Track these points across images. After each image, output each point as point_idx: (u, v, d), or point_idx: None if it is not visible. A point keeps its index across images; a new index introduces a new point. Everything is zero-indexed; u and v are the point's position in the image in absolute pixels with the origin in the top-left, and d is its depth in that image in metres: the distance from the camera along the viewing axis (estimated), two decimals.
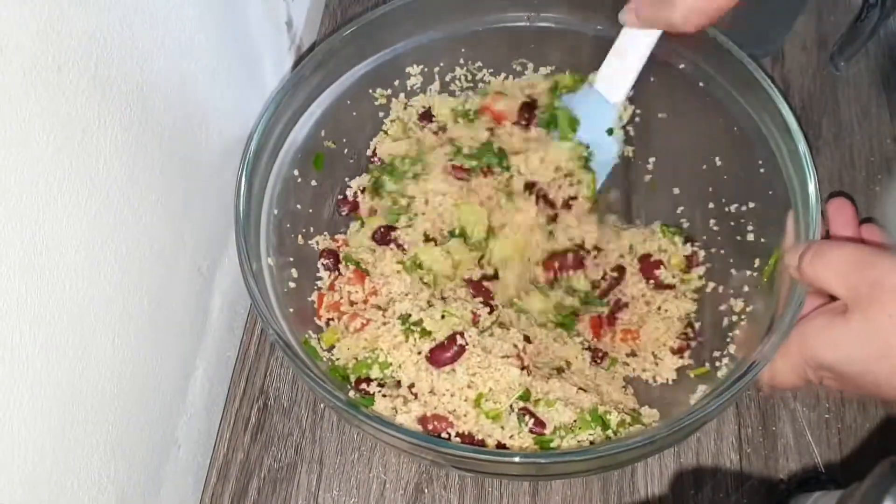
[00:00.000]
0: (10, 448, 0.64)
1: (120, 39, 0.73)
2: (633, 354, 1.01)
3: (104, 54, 0.71)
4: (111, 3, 0.71)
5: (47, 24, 0.62)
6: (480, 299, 1.00)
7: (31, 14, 0.60)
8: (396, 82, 1.12)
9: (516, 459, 0.82)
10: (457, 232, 1.04)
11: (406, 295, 0.98)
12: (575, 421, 0.90)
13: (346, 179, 1.10)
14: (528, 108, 1.10)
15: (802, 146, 0.91)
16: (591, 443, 0.89)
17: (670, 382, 0.98)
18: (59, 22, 0.64)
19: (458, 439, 0.89)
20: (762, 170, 0.98)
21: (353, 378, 0.95)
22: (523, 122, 1.10)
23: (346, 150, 1.10)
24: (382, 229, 1.04)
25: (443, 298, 0.99)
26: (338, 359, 0.96)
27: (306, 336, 0.97)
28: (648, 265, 1.05)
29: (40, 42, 0.62)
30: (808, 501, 0.86)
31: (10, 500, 0.65)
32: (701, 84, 1.03)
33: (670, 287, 1.04)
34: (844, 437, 0.99)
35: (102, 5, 0.69)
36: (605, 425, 0.90)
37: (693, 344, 1.00)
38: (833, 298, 0.82)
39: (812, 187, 0.90)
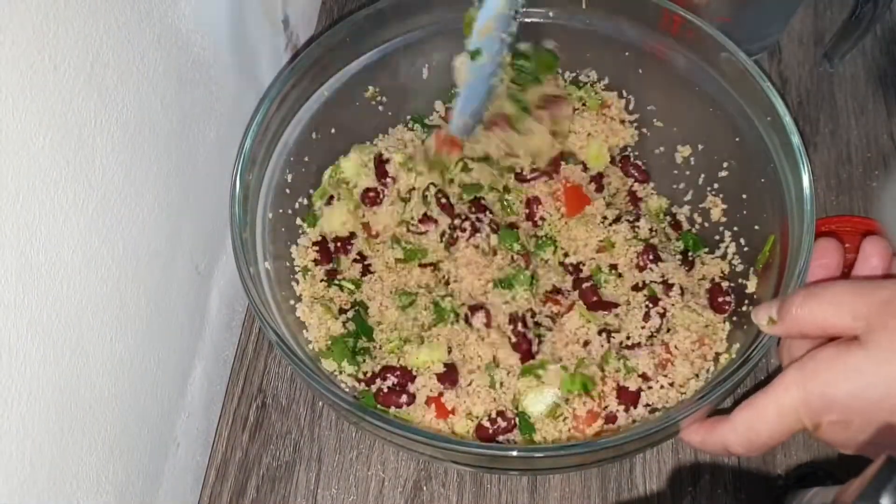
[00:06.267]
0: (8, 448, 0.64)
1: (116, 38, 0.73)
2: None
3: (100, 54, 0.71)
4: (107, 1, 0.71)
5: (43, 24, 0.62)
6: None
7: (26, 12, 0.60)
8: (387, 81, 1.12)
9: (513, 454, 0.83)
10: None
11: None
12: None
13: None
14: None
15: (796, 139, 0.91)
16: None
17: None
18: (55, 21, 0.64)
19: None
20: (756, 162, 0.98)
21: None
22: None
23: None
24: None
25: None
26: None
27: (306, 337, 0.97)
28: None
29: (36, 41, 0.62)
30: (805, 497, 0.86)
31: (8, 501, 0.65)
32: (694, 78, 1.03)
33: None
34: None
35: (98, 4, 0.69)
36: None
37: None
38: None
39: (806, 179, 0.90)
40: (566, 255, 1.04)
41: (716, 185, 1.05)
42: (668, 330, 0.97)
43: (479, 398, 0.94)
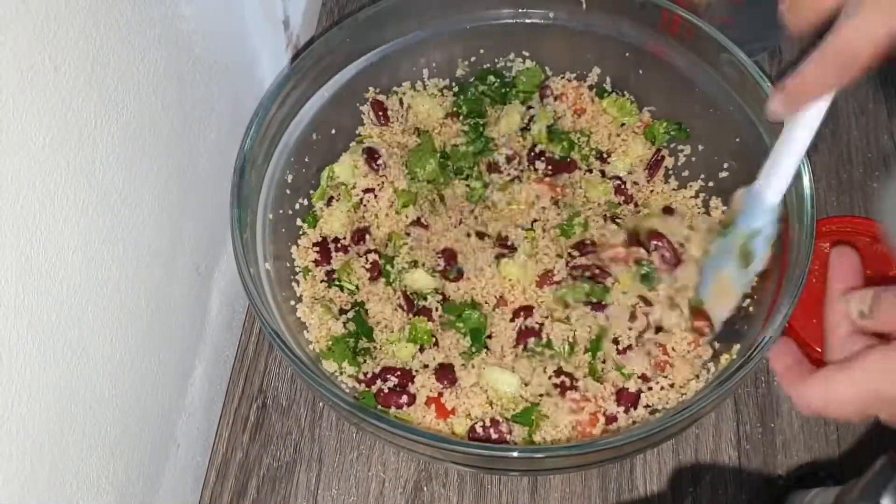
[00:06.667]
0: (9, 448, 0.64)
1: (116, 39, 0.73)
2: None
3: (101, 54, 0.71)
4: (107, 2, 0.71)
5: (44, 24, 0.62)
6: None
7: (27, 13, 0.60)
8: (387, 81, 1.12)
9: (514, 454, 0.83)
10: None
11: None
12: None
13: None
14: None
15: None
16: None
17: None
18: (56, 22, 0.64)
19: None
20: (756, 163, 0.98)
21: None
22: None
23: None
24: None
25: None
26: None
27: (307, 337, 0.97)
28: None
29: (37, 42, 0.62)
30: (806, 497, 0.86)
31: (8, 501, 0.65)
32: (694, 78, 1.04)
33: None
34: (842, 433, 1.00)
35: (99, 5, 0.69)
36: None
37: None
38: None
39: (806, 180, 0.90)
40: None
41: (716, 186, 1.05)
42: (662, 330, 0.97)
43: (477, 399, 0.94)
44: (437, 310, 0.99)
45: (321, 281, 1.02)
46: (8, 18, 0.58)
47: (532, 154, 1.10)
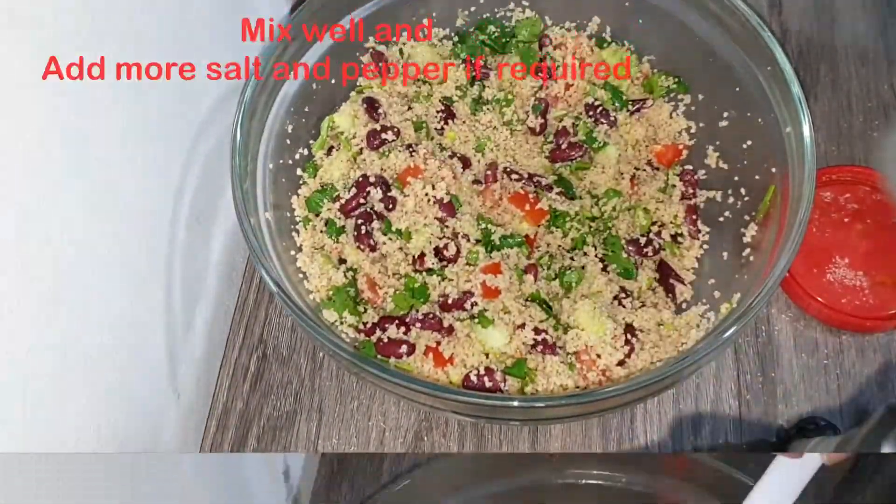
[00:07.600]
0: (10, 394, 0.65)
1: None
2: None
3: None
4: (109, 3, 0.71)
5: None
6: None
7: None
8: (387, 29, 1.12)
9: (514, 404, 0.83)
10: None
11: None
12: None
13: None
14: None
15: (796, 88, 0.92)
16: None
17: None
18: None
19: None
20: (756, 112, 0.98)
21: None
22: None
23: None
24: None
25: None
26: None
27: (307, 287, 0.97)
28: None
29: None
30: (807, 447, 0.86)
31: (8, 445, 0.65)
32: (694, 28, 1.03)
33: None
34: (843, 382, 1.00)
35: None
36: None
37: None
38: None
39: (806, 129, 0.90)
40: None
41: (716, 135, 1.05)
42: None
43: (472, 349, 0.94)
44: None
45: (321, 231, 1.02)
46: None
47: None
